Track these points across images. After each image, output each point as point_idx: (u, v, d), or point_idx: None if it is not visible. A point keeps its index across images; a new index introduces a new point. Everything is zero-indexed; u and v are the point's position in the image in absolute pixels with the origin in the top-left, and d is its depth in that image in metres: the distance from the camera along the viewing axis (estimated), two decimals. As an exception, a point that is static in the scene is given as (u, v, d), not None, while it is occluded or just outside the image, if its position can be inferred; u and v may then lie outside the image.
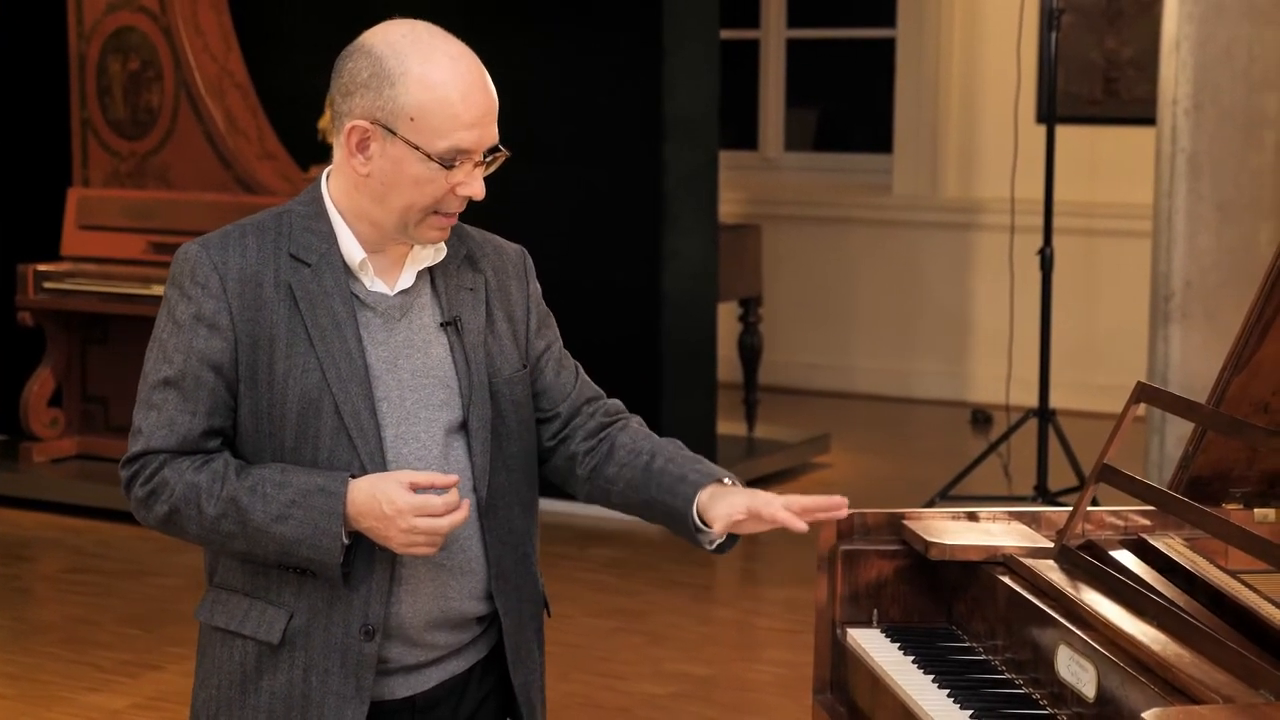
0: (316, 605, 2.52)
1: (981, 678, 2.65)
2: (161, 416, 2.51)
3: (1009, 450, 7.11)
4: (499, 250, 2.71)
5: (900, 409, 9.07)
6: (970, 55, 9.08)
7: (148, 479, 2.52)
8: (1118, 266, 8.64)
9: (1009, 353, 7.51)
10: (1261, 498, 2.93)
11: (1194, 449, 2.89)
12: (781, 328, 9.20)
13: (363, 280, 2.56)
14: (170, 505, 2.50)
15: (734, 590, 6.47)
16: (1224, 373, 2.79)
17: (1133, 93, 8.71)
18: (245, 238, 2.53)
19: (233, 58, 7.28)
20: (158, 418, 2.51)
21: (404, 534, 2.45)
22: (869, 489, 7.40)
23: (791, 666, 5.41)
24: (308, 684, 2.52)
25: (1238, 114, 5.99)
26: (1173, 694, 2.25)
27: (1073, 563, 2.70)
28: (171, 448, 2.51)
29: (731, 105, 7.80)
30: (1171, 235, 6.08)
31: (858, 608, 2.89)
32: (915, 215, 9.19)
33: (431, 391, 2.56)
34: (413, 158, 2.47)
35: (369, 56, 2.48)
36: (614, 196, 6.87)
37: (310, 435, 2.50)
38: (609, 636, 5.68)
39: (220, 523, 2.49)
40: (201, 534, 2.52)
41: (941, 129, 9.17)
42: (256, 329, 2.50)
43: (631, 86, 6.80)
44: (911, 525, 2.86)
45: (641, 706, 5.10)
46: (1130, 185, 8.48)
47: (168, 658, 5.43)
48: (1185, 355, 6.07)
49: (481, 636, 2.66)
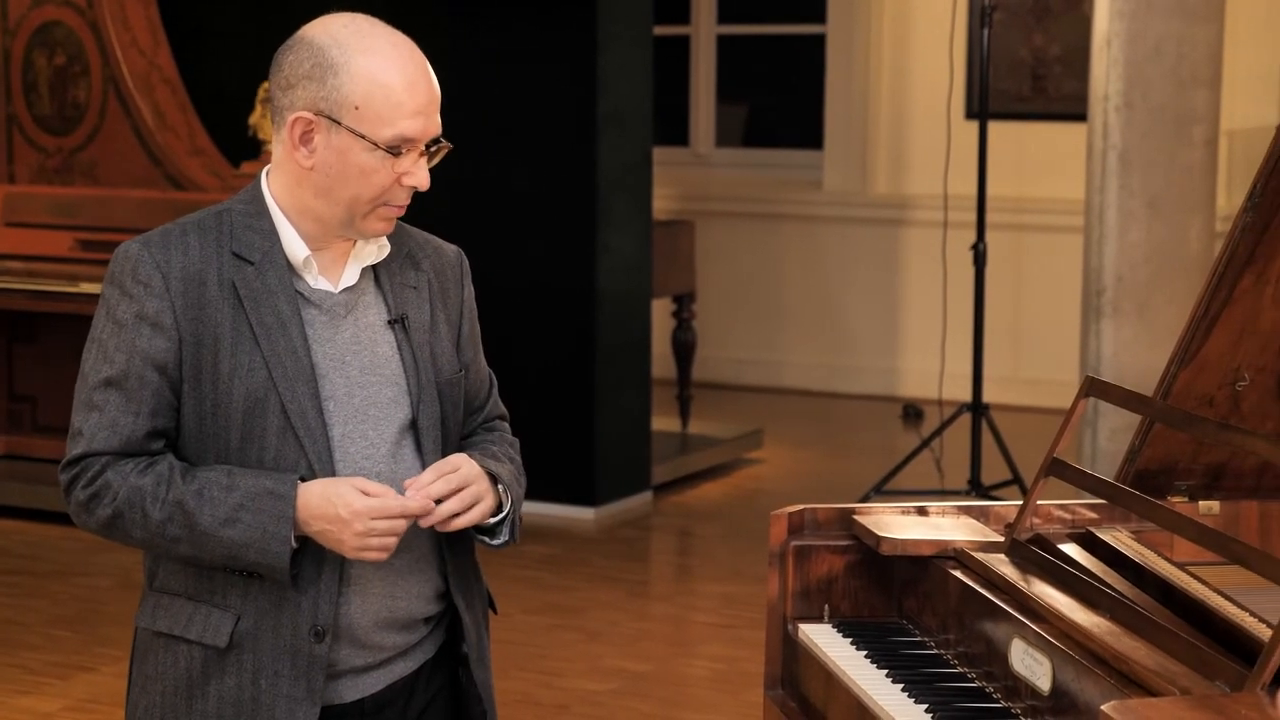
0: (264, 607, 2.49)
1: (935, 672, 2.66)
2: (103, 418, 2.46)
3: (941, 445, 7.14)
4: (438, 250, 2.69)
5: (833, 404, 9.10)
6: (900, 52, 9.12)
7: (89, 482, 2.47)
8: (1048, 262, 8.70)
9: (942, 348, 7.55)
10: (1206, 490, 2.95)
11: (1140, 443, 2.91)
12: (714, 324, 9.21)
13: (306, 278, 2.53)
14: (114, 509, 2.46)
15: (670, 586, 6.48)
16: (1170, 367, 2.81)
17: (1060, 89, 8.77)
18: (187, 236, 2.50)
19: (161, 53, 7.21)
20: (99, 419, 2.47)
21: (358, 537, 2.42)
22: (803, 484, 7.43)
23: (728, 662, 5.42)
24: (257, 687, 2.49)
25: (1168, 111, 6.05)
26: (1128, 686, 2.26)
27: (1024, 556, 2.71)
28: (114, 449, 2.46)
29: (662, 101, 7.80)
30: (1103, 231, 6.13)
31: (809, 603, 2.89)
32: (846, 211, 9.22)
33: (379, 390, 2.54)
34: (358, 147, 2.45)
35: (310, 48, 2.47)
36: (548, 193, 6.86)
37: (256, 435, 2.47)
38: (546, 633, 5.67)
39: (166, 527, 2.45)
40: (146, 538, 2.48)
41: (871, 125, 9.20)
42: (200, 328, 2.46)
43: (566, 82, 6.79)
44: (862, 520, 2.86)
45: (580, 703, 5.09)
46: (1060, 181, 8.55)
47: (99, 659, 5.37)
48: (1117, 349, 6.12)
49: (428, 637, 2.64)
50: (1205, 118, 6.10)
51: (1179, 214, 6.09)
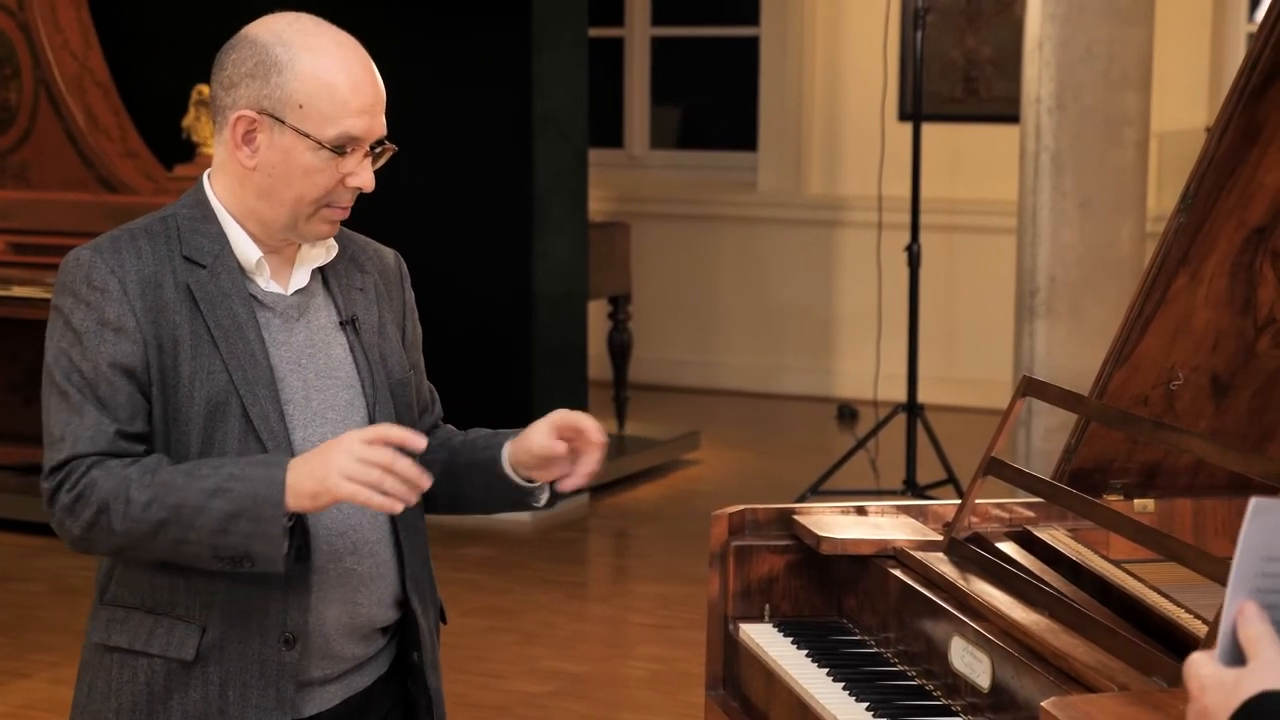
0: (231, 617, 2.44)
1: (875, 670, 2.68)
2: (85, 422, 2.40)
3: (877, 445, 7.18)
4: (378, 254, 2.68)
5: (768, 405, 9.13)
6: (833, 54, 9.16)
7: (74, 483, 2.39)
8: (982, 263, 8.75)
9: (877, 348, 7.59)
10: (1141, 489, 2.98)
11: (1076, 442, 2.94)
12: (650, 325, 9.22)
13: (258, 281, 2.51)
14: (98, 505, 2.37)
15: (606, 587, 6.49)
16: (1105, 367, 2.84)
17: (992, 91, 8.83)
18: (137, 241, 2.46)
19: (93, 55, 7.16)
20: (80, 423, 2.40)
21: (347, 457, 2.31)
22: (739, 485, 7.45)
23: (666, 662, 5.43)
24: (224, 699, 2.44)
25: (1099, 113, 6.10)
26: (1067, 683, 2.29)
27: (962, 555, 2.73)
28: (100, 450, 2.40)
29: (597, 103, 7.80)
30: (1036, 232, 6.18)
31: (749, 603, 2.90)
32: (780, 212, 9.25)
33: (336, 392, 2.53)
34: (302, 146, 2.43)
35: (253, 46, 2.44)
36: (484, 195, 6.85)
37: (218, 439, 2.43)
38: (483, 635, 5.67)
39: (150, 509, 2.34)
40: (129, 528, 2.36)
41: (805, 127, 9.24)
42: (160, 331, 2.42)
43: (501, 85, 6.79)
44: (802, 520, 2.88)
45: (518, 705, 5.09)
46: (992, 182, 8.61)
47: (35, 665, 5.33)
48: (1050, 349, 6.17)
49: (383, 651, 2.62)
50: (1136, 120, 6.16)
51: (1111, 215, 6.15)
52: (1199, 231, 2.69)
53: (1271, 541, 1.58)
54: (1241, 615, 1.58)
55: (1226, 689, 1.57)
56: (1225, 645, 1.60)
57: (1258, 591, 1.59)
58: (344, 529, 2.49)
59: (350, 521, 2.50)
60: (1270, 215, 2.69)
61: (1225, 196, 2.65)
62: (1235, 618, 1.59)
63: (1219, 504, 2.96)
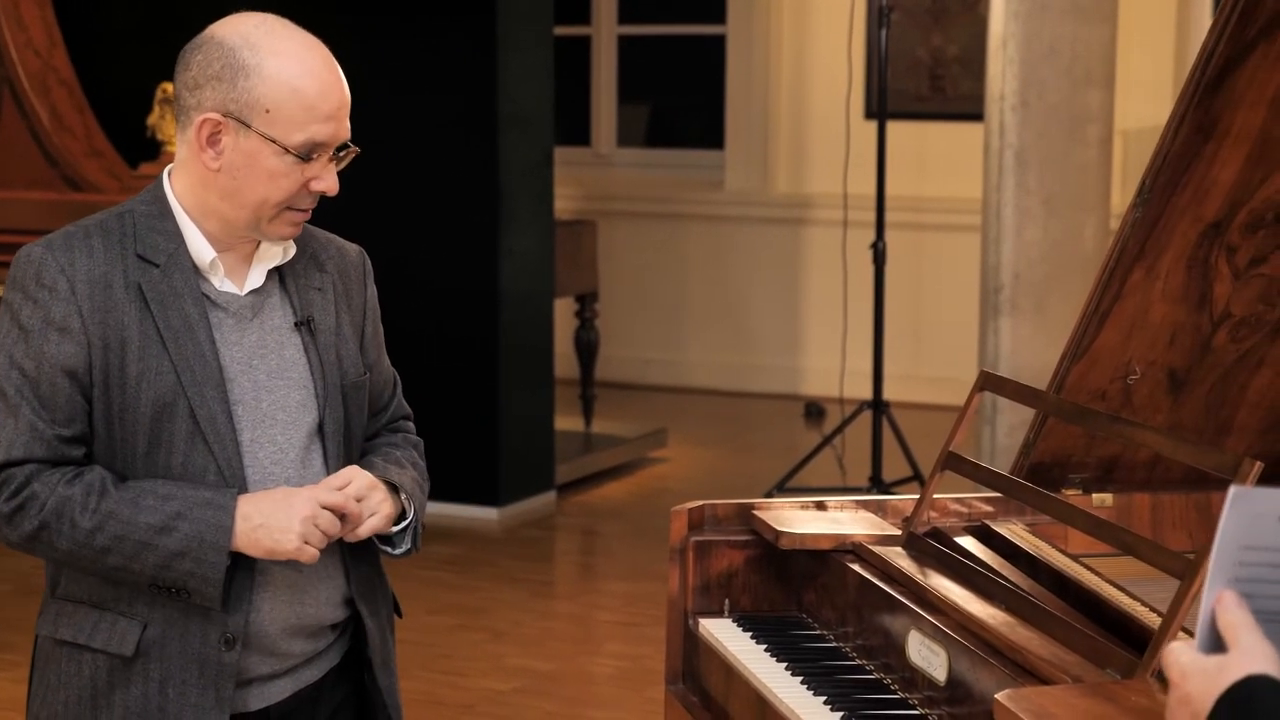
0: (172, 615, 2.45)
1: (834, 664, 2.69)
2: (20, 424, 2.41)
3: (843, 442, 7.19)
4: (341, 251, 2.67)
5: (735, 403, 9.14)
6: (799, 52, 9.17)
7: (14, 494, 2.41)
8: (947, 260, 8.78)
9: (842, 346, 7.60)
10: (1099, 483, 2.99)
11: (1034, 436, 2.94)
12: (616, 323, 9.22)
13: (212, 280, 2.50)
14: (40, 520, 2.40)
15: (573, 585, 6.49)
16: (1063, 361, 2.85)
17: (958, 89, 8.85)
18: (90, 239, 2.46)
19: (57, 54, 7.13)
20: (15, 426, 2.41)
21: (305, 523, 2.40)
22: (706, 482, 7.45)
23: (632, 659, 5.43)
24: (164, 696, 2.45)
25: (1063, 110, 6.12)
26: (1023, 675, 2.30)
27: (921, 549, 2.74)
28: (36, 457, 2.41)
29: (564, 101, 7.80)
30: (1000, 229, 6.19)
31: (709, 598, 2.91)
32: (747, 210, 9.26)
33: (288, 393, 2.52)
34: (268, 151, 2.43)
35: (220, 48, 2.43)
36: (450, 193, 6.85)
37: (164, 440, 2.43)
38: (450, 634, 5.66)
39: (95, 536, 2.39)
40: (72, 549, 2.41)
41: (772, 125, 9.25)
42: (108, 331, 2.42)
43: (466, 83, 6.78)
44: (761, 515, 2.88)
45: (484, 702, 5.09)
46: (958, 180, 8.63)
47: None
48: (1015, 346, 6.19)
49: (334, 644, 2.62)
50: (1099, 117, 6.18)
51: (1075, 212, 6.17)
52: (1155, 226, 2.70)
53: (1250, 530, 1.59)
54: (1220, 604, 1.59)
55: (1209, 675, 1.58)
56: (1204, 633, 1.61)
57: (1236, 580, 1.60)
58: None
59: None
60: (1225, 210, 2.70)
61: (1181, 192, 2.66)
62: (1214, 606, 1.60)
63: (1176, 498, 2.98)
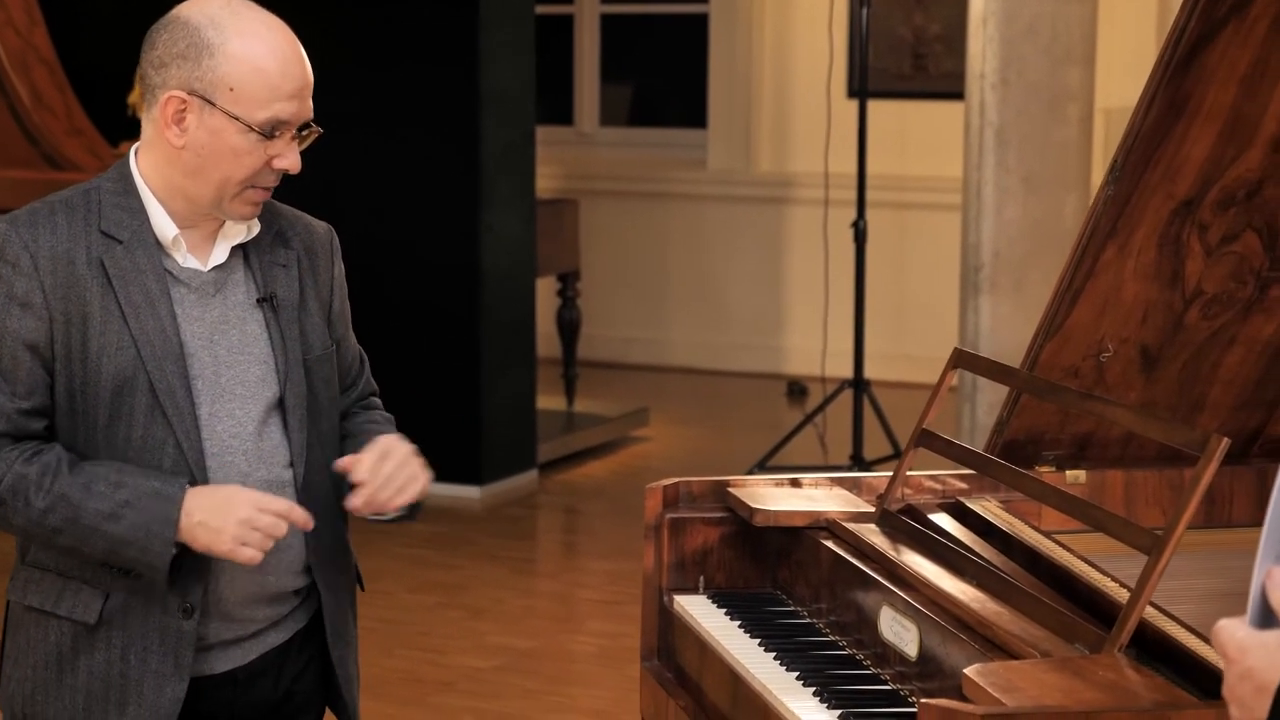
0: (134, 585, 2.51)
1: (807, 640, 2.70)
2: None
3: (825, 421, 7.21)
4: (309, 228, 2.71)
5: (717, 382, 9.15)
6: (781, 31, 9.17)
7: None
8: (928, 239, 8.79)
9: (824, 325, 7.62)
10: (1073, 460, 3.01)
11: (1008, 414, 2.96)
12: (599, 302, 9.23)
13: (175, 256, 2.55)
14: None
15: (556, 563, 6.50)
16: (1036, 339, 2.86)
17: (940, 68, 8.86)
18: (55, 215, 2.51)
19: (38, 32, 7.12)
20: None
21: (241, 525, 2.44)
22: (688, 461, 7.47)
23: (613, 637, 5.45)
24: (126, 663, 2.52)
25: (1042, 88, 6.13)
26: (992, 650, 2.31)
27: (894, 526, 2.75)
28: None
29: (547, 80, 7.80)
30: (980, 207, 6.20)
31: (684, 575, 2.92)
32: (730, 190, 9.27)
33: (247, 368, 2.56)
34: (232, 129, 2.47)
35: (185, 27, 2.48)
36: (431, 171, 6.84)
37: (124, 413, 2.49)
38: (430, 611, 5.68)
39: (47, 516, 2.46)
40: (26, 526, 2.49)
41: (755, 104, 9.25)
42: (70, 306, 2.47)
43: (448, 61, 6.78)
44: (736, 492, 2.89)
45: (464, 680, 5.10)
46: (940, 159, 8.63)
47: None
48: (995, 324, 6.20)
49: (300, 608, 2.67)
50: (1080, 95, 6.19)
51: (1055, 190, 6.18)
52: (1127, 204, 2.71)
53: None
54: (1270, 580, 1.58)
55: (1270, 649, 1.57)
56: (1255, 609, 1.60)
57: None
58: None
59: None
60: (1197, 188, 2.71)
61: (1152, 169, 2.67)
62: (1264, 582, 1.59)
63: (1150, 475, 2.99)
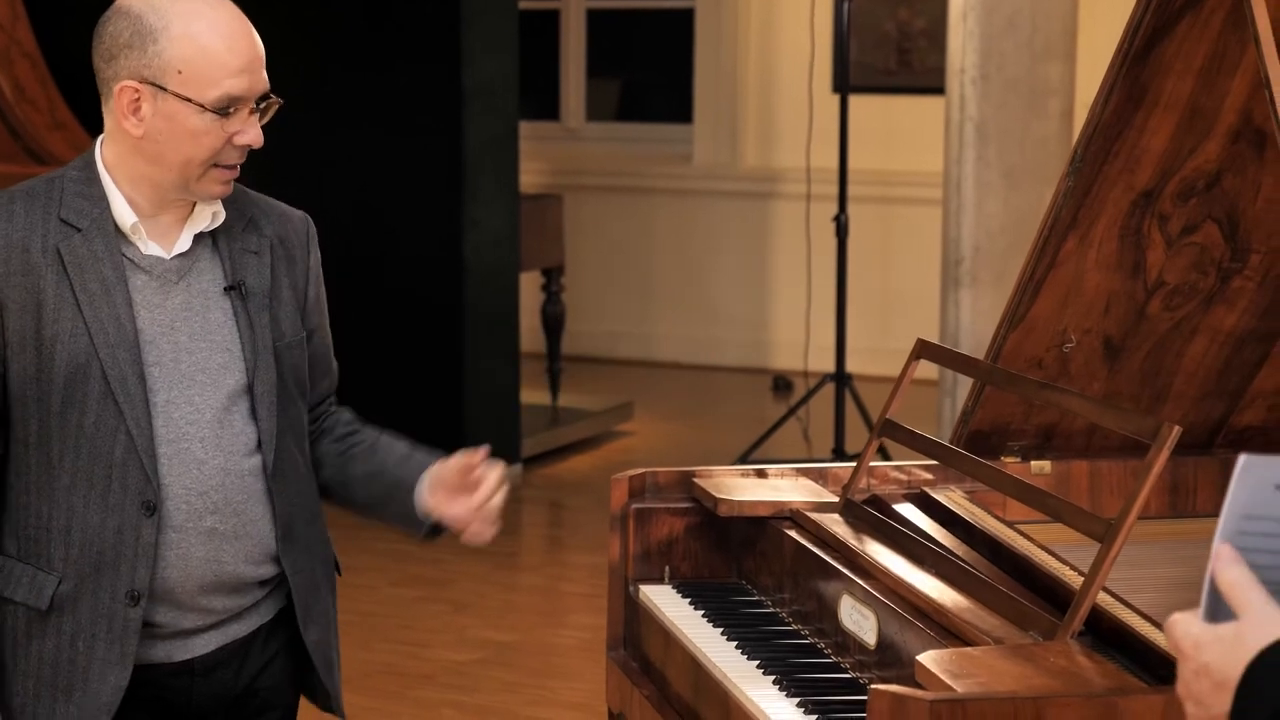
0: (84, 571, 2.52)
1: (770, 629, 2.71)
2: None
3: (808, 414, 7.22)
4: (284, 216, 2.72)
5: (702, 376, 9.16)
6: (767, 27, 9.18)
7: None
8: (912, 234, 8.80)
9: (807, 319, 7.63)
10: (1038, 450, 3.03)
11: (973, 404, 2.98)
12: (584, 297, 9.24)
13: (136, 244, 2.56)
14: None
15: (538, 557, 6.51)
16: (1000, 330, 2.88)
17: (925, 63, 8.87)
18: (13, 204, 2.54)
19: (20, 26, 7.12)
20: None
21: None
22: (672, 455, 7.47)
23: (596, 630, 5.45)
24: (74, 650, 2.53)
25: (1022, 83, 6.14)
26: (948, 638, 2.33)
27: (856, 516, 2.77)
28: None
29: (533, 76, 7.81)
30: (960, 201, 6.22)
31: (650, 565, 2.94)
32: (715, 185, 9.28)
33: (209, 355, 2.57)
34: (186, 111, 2.49)
35: (128, 17, 2.50)
36: (414, 166, 6.85)
37: (77, 400, 2.50)
38: (411, 605, 5.69)
39: None
40: None
41: (740, 99, 9.26)
42: (24, 295, 2.49)
43: (431, 56, 6.78)
44: (701, 483, 2.91)
45: (445, 673, 5.11)
46: (922, 154, 8.64)
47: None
48: (975, 318, 6.22)
49: (265, 600, 2.67)
50: (1060, 90, 6.21)
51: (1034, 185, 6.19)
52: (1087, 195, 2.72)
53: (1254, 499, 1.53)
54: (1218, 559, 1.52)
55: (1227, 643, 1.51)
56: (1209, 602, 1.54)
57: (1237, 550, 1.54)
58: (204, 489, 2.55)
59: (211, 483, 2.56)
60: (1157, 179, 2.73)
61: (1112, 160, 2.69)
62: (1213, 564, 1.53)
63: (1114, 465, 3.01)
